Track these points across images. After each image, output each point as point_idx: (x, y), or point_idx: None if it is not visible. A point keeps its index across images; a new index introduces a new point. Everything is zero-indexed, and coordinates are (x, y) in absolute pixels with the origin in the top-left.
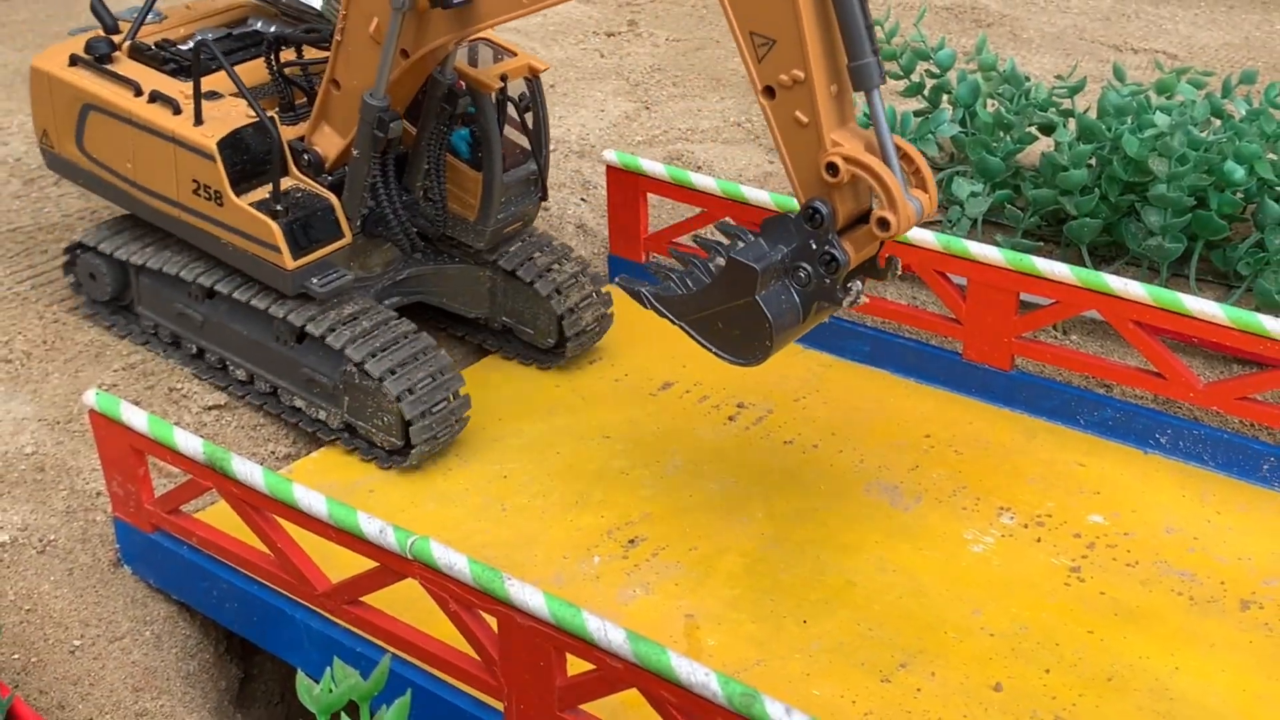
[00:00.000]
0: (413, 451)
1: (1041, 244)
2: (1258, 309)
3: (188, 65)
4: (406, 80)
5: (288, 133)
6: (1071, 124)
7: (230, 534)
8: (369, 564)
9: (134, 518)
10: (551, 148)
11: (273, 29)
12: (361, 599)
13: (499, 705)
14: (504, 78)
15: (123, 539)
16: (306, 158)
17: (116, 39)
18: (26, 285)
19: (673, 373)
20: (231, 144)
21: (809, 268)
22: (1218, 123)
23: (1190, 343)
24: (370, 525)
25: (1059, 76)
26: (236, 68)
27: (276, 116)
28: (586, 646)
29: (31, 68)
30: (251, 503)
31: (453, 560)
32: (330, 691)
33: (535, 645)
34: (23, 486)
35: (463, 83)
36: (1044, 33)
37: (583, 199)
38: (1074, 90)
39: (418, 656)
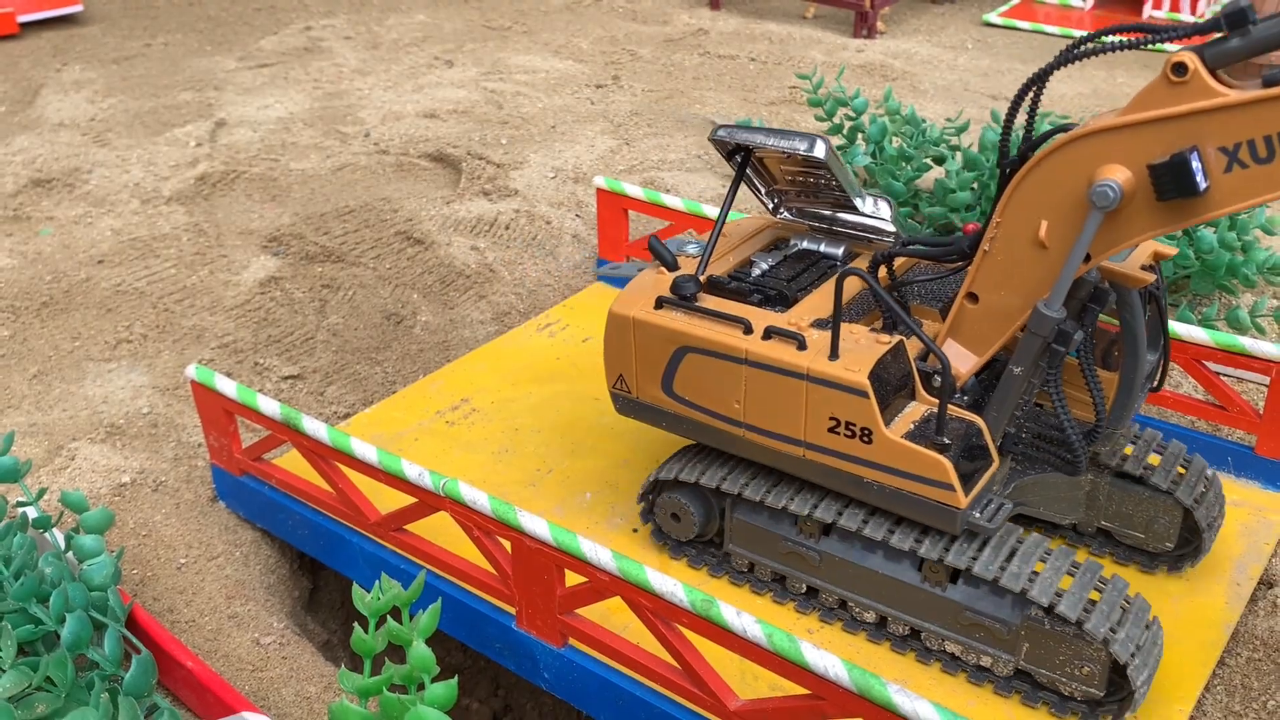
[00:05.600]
0: (1135, 696)
1: None
2: None
3: (772, 295)
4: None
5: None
6: (959, 156)
7: (301, 476)
8: (409, 500)
9: (226, 464)
10: (552, 175)
11: (822, 246)
12: (404, 527)
13: (511, 610)
14: (1150, 268)
15: (218, 480)
16: (938, 379)
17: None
18: (144, 282)
19: None
20: (877, 376)
21: None
22: None
23: None
24: (411, 469)
25: (948, 119)
26: (819, 291)
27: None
28: (580, 564)
29: (610, 314)
30: (318, 452)
31: (475, 496)
32: (379, 599)
33: (540, 563)
34: (140, 439)
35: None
36: (937, 85)
37: (577, 215)
38: (960, 130)
39: (448, 572)
